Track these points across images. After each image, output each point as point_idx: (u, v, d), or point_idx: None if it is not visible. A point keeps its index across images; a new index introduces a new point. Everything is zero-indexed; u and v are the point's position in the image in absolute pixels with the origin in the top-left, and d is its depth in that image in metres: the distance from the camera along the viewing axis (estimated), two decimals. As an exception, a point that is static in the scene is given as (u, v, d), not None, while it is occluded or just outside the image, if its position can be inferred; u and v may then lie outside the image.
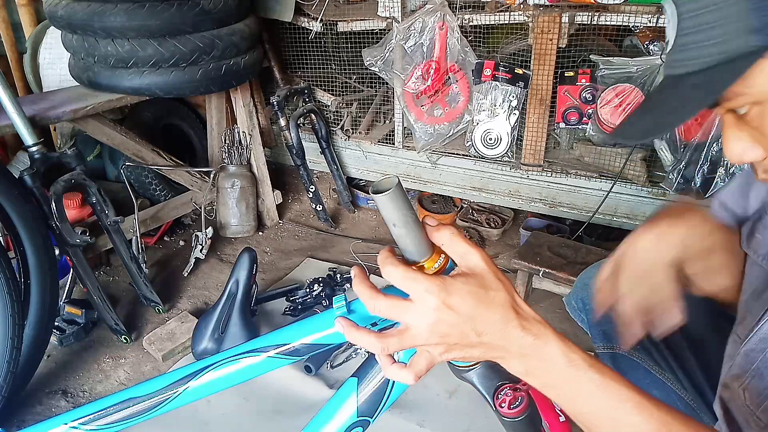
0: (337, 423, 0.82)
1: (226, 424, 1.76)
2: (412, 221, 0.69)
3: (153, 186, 2.62)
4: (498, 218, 2.79)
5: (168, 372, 0.86)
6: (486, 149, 2.43)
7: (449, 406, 1.80)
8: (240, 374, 0.83)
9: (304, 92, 2.78)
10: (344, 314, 0.78)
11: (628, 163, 2.20)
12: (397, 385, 0.81)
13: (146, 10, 2.02)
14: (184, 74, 2.18)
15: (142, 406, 0.83)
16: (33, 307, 1.77)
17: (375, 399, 0.81)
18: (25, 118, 1.85)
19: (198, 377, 0.82)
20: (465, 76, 2.41)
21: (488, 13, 2.26)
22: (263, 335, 0.84)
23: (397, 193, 0.66)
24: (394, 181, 0.66)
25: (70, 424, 0.83)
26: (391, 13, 2.38)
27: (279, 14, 2.59)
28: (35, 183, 1.82)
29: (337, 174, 2.87)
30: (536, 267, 2.11)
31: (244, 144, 2.69)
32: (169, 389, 0.82)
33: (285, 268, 2.53)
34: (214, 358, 0.83)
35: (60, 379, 1.94)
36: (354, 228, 2.88)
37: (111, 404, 0.83)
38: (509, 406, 0.84)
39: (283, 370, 1.92)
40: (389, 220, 0.69)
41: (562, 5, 2.11)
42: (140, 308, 2.26)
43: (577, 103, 2.23)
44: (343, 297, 0.79)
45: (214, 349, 1.92)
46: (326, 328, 0.81)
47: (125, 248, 2.15)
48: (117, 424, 0.83)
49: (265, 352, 0.81)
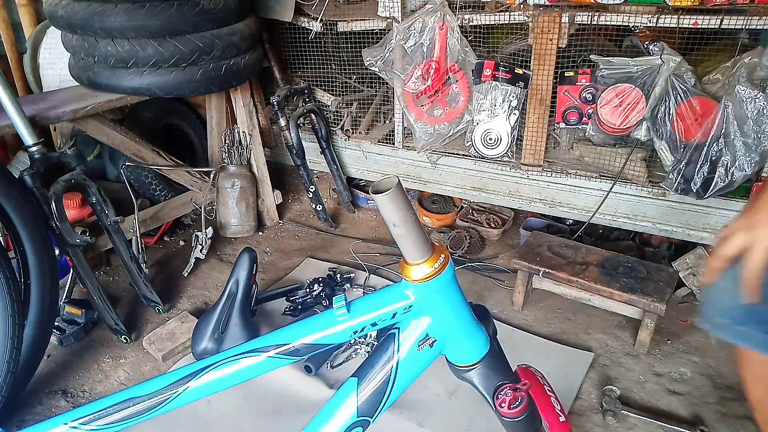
0: (337, 423, 0.82)
1: (226, 424, 1.76)
2: (412, 221, 0.70)
3: (153, 186, 2.62)
4: (498, 218, 2.79)
5: (168, 372, 0.86)
6: (486, 149, 2.43)
7: (449, 406, 1.80)
8: (240, 374, 0.83)
9: (304, 92, 2.78)
10: (344, 314, 0.78)
11: (628, 163, 2.20)
12: (398, 385, 0.81)
13: (146, 10, 2.02)
14: (184, 74, 2.18)
15: (142, 406, 0.83)
16: (33, 307, 1.77)
17: (375, 399, 0.81)
18: (25, 118, 1.85)
19: (198, 377, 0.82)
20: (465, 76, 2.41)
21: (488, 13, 2.26)
22: (263, 335, 0.84)
23: (397, 193, 0.67)
24: (394, 181, 0.67)
25: (70, 424, 0.83)
26: (391, 13, 2.38)
27: (279, 14, 2.59)
28: (35, 183, 1.83)
29: (337, 174, 2.86)
30: (536, 267, 2.11)
31: (244, 144, 2.69)
32: (169, 389, 0.82)
33: (285, 268, 2.53)
34: (214, 358, 0.83)
35: (60, 379, 1.94)
36: (354, 228, 2.88)
37: (111, 404, 0.83)
38: (509, 406, 0.84)
39: (283, 370, 1.91)
40: (389, 220, 0.69)
41: (562, 5, 2.11)
42: (140, 308, 2.26)
43: (577, 103, 2.23)
44: (343, 297, 0.79)
45: (214, 349, 1.92)
46: (326, 328, 0.81)
47: (125, 248, 2.15)
48: (117, 424, 0.83)
49: (265, 352, 0.82)
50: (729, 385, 1.87)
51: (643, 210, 2.28)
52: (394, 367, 0.81)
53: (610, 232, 2.63)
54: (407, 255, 0.74)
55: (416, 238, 0.72)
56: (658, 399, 1.83)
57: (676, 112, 2.00)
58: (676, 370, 1.94)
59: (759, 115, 1.88)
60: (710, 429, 1.69)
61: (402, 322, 0.82)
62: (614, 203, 2.31)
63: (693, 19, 1.93)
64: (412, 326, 0.81)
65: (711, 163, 1.98)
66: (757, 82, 1.90)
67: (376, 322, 0.80)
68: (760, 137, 1.90)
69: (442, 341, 0.83)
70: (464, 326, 0.84)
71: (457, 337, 0.84)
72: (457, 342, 0.84)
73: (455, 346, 0.85)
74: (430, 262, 0.75)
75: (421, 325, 0.81)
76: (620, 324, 2.14)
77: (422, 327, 0.81)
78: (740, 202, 2.10)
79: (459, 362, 0.86)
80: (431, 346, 0.82)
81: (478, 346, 0.86)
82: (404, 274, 0.77)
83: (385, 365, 0.82)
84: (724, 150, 1.95)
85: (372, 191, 0.69)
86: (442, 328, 0.82)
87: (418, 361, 0.83)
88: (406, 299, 0.79)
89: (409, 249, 0.73)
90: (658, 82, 2.02)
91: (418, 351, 0.81)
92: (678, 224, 2.24)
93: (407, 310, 0.80)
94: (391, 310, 0.79)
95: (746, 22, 1.87)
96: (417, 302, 0.79)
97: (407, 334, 0.81)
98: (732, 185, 1.98)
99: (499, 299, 2.31)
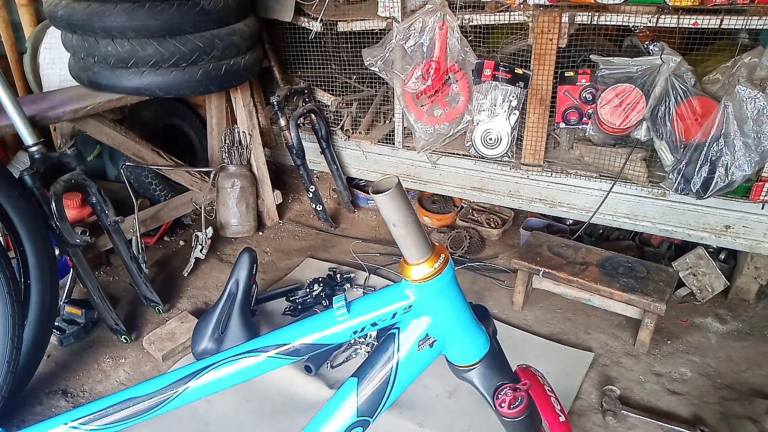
0: (337, 423, 0.82)
1: (226, 424, 1.76)
2: (412, 221, 0.70)
3: (153, 186, 2.62)
4: (498, 218, 2.79)
5: (168, 372, 0.86)
6: (486, 149, 2.43)
7: (449, 406, 1.80)
8: (240, 374, 0.83)
9: (304, 92, 2.78)
10: (344, 314, 0.78)
11: (628, 163, 2.20)
12: (397, 385, 0.81)
13: (146, 10, 2.02)
14: (184, 74, 2.18)
15: (142, 406, 0.83)
16: (33, 307, 1.77)
17: (375, 399, 0.81)
18: (25, 118, 1.85)
19: (198, 377, 0.82)
20: (465, 76, 2.41)
21: (488, 13, 2.26)
22: (263, 335, 0.84)
23: (397, 193, 0.67)
24: (394, 181, 0.67)
25: (70, 424, 0.83)
26: (391, 13, 2.38)
27: (279, 14, 2.59)
28: (35, 183, 1.83)
29: (337, 174, 2.86)
30: (536, 267, 2.11)
31: (244, 144, 2.69)
32: (169, 389, 0.82)
33: (285, 268, 2.53)
34: (214, 358, 0.83)
35: (60, 379, 1.94)
36: (354, 228, 2.88)
37: (111, 404, 0.83)
38: (509, 406, 0.84)
39: (283, 370, 1.91)
40: (389, 220, 0.69)
41: (562, 5, 2.11)
42: (140, 308, 2.26)
43: (577, 103, 2.23)
44: (343, 297, 0.79)
45: (214, 349, 1.92)
46: (326, 328, 0.81)
47: (125, 248, 2.15)
48: (117, 424, 0.83)
49: (265, 352, 0.82)
50: (729, 385, 1.87)
51: (643, 210, 2.28)
52: (394, 367, 0.81)
53: (610, 232, 2.63)
54: (407, 255, 0.74)
55: (416, 238, 0.73)
56: (658, 399, 1.83)
57: (676, 112, 2.00)
58: (676, 370, 1.94)
59: (759, 115, 1.88)
60: (710, 429, 1.69)
61: (402, 322, 0.82)
62: (614, 203, 2.31)
63: (693, 19, 1.93)
64: (412, 326, 0.81)
65: (711, 163, 1.98)
66: (757, 82, 1.90)
67: (376, 322, 0.80)
68: (760, 137, 1.90)
69: (442, 341, 0.83)
70: (464, 326, 0.84)
71: (457, 337, 0.84)
72: (457, 342, 0.84)
73: (455, 346, 0.85)
74: (430, 262, 0.75)
75: (421, 325, 0.81)
76: (620, 324, 2.14)
77: (422, 327, 0.81)
78: (740, 202, 2.10)
79: (459, 362, 0.86)
80: (431, 347, 0.82)
81: (478, 346, 0.86)
82: (404, 274, 0.78)
83: (385, 365, 0.82)
84: (724, 150, 1.95)
85: (372, 191, 0.69)
86: (442, 328, 0.82)
87: (418, 361, 0.82)
88: (406, 299, 0.79)
89: (409, 249, 0.73)
90: (658, 82, 2.02)
91: (418, 351, 0.81)
92: (678, 224, 2.24)
93: (407, 310, 0.80)
94: (391, 310, 0.80)
95: (746, 22, 1.87)
96: (417, 302, 0.79)
97: (407, 334, 0.81)
98: (732, 185, 1.98)
99: (499, 299, 2.31)
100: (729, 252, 2.36)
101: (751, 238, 2.14)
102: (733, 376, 1.91)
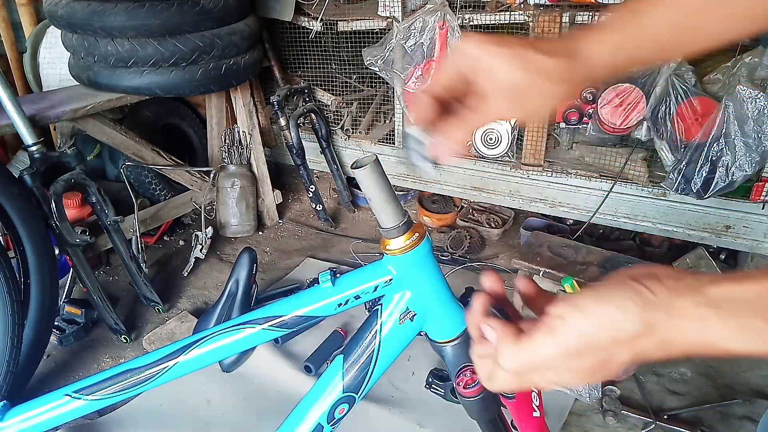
0: (324, 399, 0.87)
1: (226, 424, 1.76)
2: (387, 194, 0.76)
3: (153, 186, 2.62)
4: (498, 218, 2.79)
5: (166, 345, 0.89)
6: (486, 149, 2.43)
7: (449, 406, 1.80)
8: (235, 345, 0.87)
9: (304, 92, 2.78)
10: (329, 288, 0.83)
11: (628, 163, 2.20)
12: (381, 361, 0.86)
13: (146, 9, 2.02)
14: (184, 74, 2.18)
15: (140, 377, 0.87)
16: (33, 307, 1.77)
17: (359, 375, 0.86)
18: (25, 117, 1.85)
19: (195, 348, 0.86)
20: (465, 75, 2.41)
21: (488, 12, 2.26)
22: (255, 310, 0.89)
23: (375, 169, 0.73)
24: (372, 158, 0.74)
25: (73, 394, 0.88)
26: (392, 13, 2.38)
27: (279, 14, 2.59)
28: (35, 183, 1.82)
29: (337, 174, 2.86)
30: (536, 267, 2.10)
31: (244, 144, 2.69)
32: (167, 359, 0.86)
33: (285, 268, 2.53)
34: (209, 331, 0.88)
35: (60, 379, 1.94)
36: (354, 228, 2.88)
37: (110, 375, 0.88)
38: (464, 386, 0.88)
39: (284, 371, 1.92)
40: (367, 194, 0.76)
41: (562, 5, 2.11)
42: (140, 308, 2.25)
43: (578, 103, 2.22)
44: (329, 272, 0.85)
45: (214, 349, 1.92)
46: (313, 302, 0.86)
47: (125, 248, 2.14)
48: (116, 395, 0.88)
49: (259, 325, 0.86)
50: (729, 385, 1.87)
51: (644, 210, 2.28)
52: (377, 343, 0.85)
53: (610, 232, 2.63)
54: (384, 226, 0.79)
55: (392, 211, 0.77)
56: (658, 399, 1.83)
57: (676, 112, 2.00)
58: (676, 370, 1.94)
59: (759, 114, 1.88)
60: (710, 429, 1.69)
61: (385, 298, 0.86)
62: (615, 203, 2.31)
63: (693, 19, 1.93)
64: (394, 301, 0.85)
65: (711, 163, 1.98)
66: (758, 82, 1.90)
67: (359, 295, 0.84)
68: (760, 137, 1.90)
69: (422, 316, 0.86)
70: (442, 301, 0.87)
71: (435, 312, 0.87)
72: (436, 317, 0.87)
73: (434, 321, 0.88)
74: (407, 236, 0.79)
75: (402, 299, 0.85)
76: (620, 324, 2.13)
77: (404, 301, 0.85)
78: (741, 202, 2.10)
79: (436, 338, 0.90)
80: (412, 320, 0.85)
81: (455, 324, 0.88)
82: (384, 249, 0.82)
83: (369, 340, 0.86)
84: (725, 150, 1.95)
85: (352, 167, 0.74)
86: (421, 302, 0.85)
87: (399, 335, 0.86)
88: (387, 273, 0.82)
89: (386, 221, 0.78)
90: (659, 81, 2.02)
91: (400, 325, 0.85)
92: (678, 224, 2.24)
93: (388, 284, 0.83)
94: (373, 284, 0.83)
95: (747, 22, 1.87)
96: (397, 276, 0.82)
97: (390, 309, 0.85)
98: (732, 185, 1.98)
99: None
100: (729, 252, 2.36)
101: (752, 239, 2.14)
102: (733, 376, 1.91)
